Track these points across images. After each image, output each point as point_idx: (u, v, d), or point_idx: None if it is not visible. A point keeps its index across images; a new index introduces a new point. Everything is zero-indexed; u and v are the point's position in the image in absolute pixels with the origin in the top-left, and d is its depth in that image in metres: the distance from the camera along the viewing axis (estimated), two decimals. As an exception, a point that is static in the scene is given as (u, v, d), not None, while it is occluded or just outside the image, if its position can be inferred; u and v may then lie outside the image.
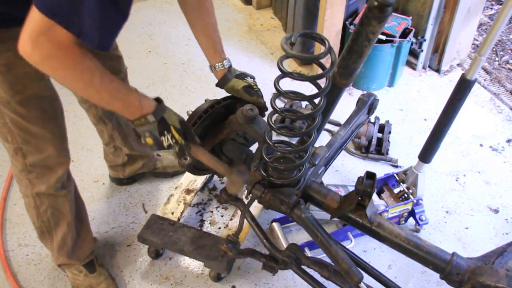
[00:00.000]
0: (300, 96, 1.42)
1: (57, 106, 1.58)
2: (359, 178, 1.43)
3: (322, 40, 1.31)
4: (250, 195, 1.60)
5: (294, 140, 1.69)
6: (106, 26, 1.11)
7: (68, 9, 1.01)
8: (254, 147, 1.78)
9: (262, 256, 1.79)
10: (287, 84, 1.43)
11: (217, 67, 1.69)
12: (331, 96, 1.51)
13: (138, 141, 2.20)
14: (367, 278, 1.68)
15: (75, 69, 1.15)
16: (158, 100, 1.42)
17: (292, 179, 1.55)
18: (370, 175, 1.41)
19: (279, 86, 1.38)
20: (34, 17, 1.03)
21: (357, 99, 2.10)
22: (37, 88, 1.45)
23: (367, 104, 1.98)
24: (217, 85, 1.74)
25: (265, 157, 1.54)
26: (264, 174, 1.56)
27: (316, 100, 1.46)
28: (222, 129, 1.73)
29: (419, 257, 1.49)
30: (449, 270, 1.45)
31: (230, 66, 1.71)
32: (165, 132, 1.40)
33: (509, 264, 1.43)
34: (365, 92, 2.16)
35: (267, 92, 2.43)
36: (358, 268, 1.56)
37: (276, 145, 1.52)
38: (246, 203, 1.69)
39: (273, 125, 1.47)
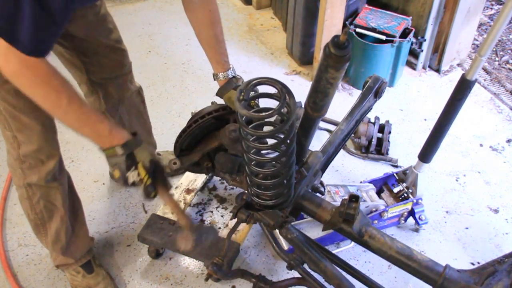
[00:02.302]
0: (268, 132, 1.34)
1: None
2: (343, 200, 1.43)
3: (276, 93, 1.25)
4: (236, 218, 1.61)
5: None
6: (39, 34, 1.13)
7: (6, 18, 1.07)
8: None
9: (253, 276, 1.82)
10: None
11: (220, 76, 1.72)
12: (306, 125, 1.51)
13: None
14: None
15: (41, 88, 1.18)
16: (134, 134, 1.41)
17: (276, 203, 1.53)
18: (353, 198, 1.41)
19: (246, 127, 1.30)
20: None
21: (363, 82, 1.97)
22: None
23: (373, 90, 1.88)
24: (216, 94, 1.76)
25: (247, 180, 1.50)
26: (250, 194, 1.56)
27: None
28: (213, 139, 1.75)
29: (411, 269, 1.49)
30: (441, 283, 1.44)
31: (234, 77, 1.72)
32: (132, 168, 1.39)
33: (498, 285, 1.41)
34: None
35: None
36: (349, 281, 1.59)
37: (257, 165, 1.45)
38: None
39: (246, 150, 1.40)
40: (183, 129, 1.73)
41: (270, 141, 1.37)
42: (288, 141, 1.33)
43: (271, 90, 1.35)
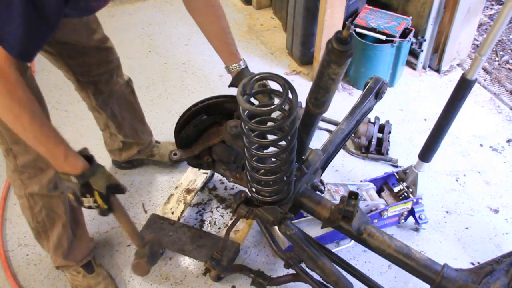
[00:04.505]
0: (269, 127, 1.34)
1: (42, 106, 1.54)
2: (342, 197, 1.44)
3: (276, 90, 1.26)
4: (236, 214, 1.62)
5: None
6: (29, 36, 1.09)
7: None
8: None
9: (251, 272, 1.83)
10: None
11: (234, 67, 1.71)
12: (308, 121, 1.51)
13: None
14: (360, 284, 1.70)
15: (6, 98, 1.14)
16: (91, 161, 1.39)
17: (276, 199, 1.54)
18: (353, 195, 1.41)
19: (248, 121, 1.30)
20: None
21: (365, 82, 1.99)
22: None
23: (373, 91, 1.89)
24: (230, 85, 1.75)
25: (247, 176, 1.50)
26: (250, 190, 1.57)
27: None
28: (215, 135, 1.77)
29: (409, 268, 1.49)
30: (438, 282, 1.43)
31: (246, 67, 1.73)
32: (88, 195, 1.38)
33: (496, 284, 1.41)
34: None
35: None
36: (347, 278, 1.59)
37: (257, 161, 1.44)
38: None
39: (247, 145, 1.40)
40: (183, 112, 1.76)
41: (271, 138, 1.37)
42: (289, 137, 1.34)
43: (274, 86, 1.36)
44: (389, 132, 2.59)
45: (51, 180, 1.68)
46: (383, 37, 2.80)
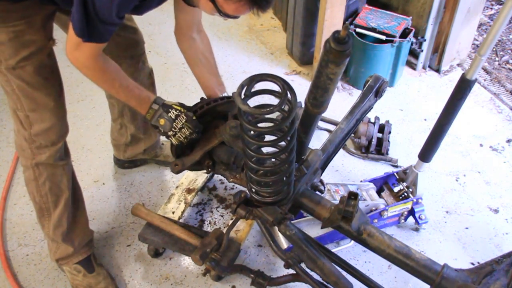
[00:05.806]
0: (268, 128, 1.33)
1: (57, 76, 1.69)
2: (342, 197, 1.44)
3: (277, 90, 1.26)
4: (235, 214, 1.63)
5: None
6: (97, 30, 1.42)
7: (94, 31, 1.39)
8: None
9: (251, 272, 1.83)
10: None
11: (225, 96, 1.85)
12: (307, 122, 1.51)
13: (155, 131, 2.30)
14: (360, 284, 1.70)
15: (101, 77, 1.56)
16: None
17: (276, 200, 1.54)
18: (352, 195, 1.41)
19: (247, 123, 1.29)
20: (72, 35, 1.40)
21: (364, 81, 1.98)
22: (41, 56, 1.58)
23: (373, 89, 1.89)
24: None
25: (247, 176, 1.51)
26: (250, 191, 1.57)
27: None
28: (213, 137, 1.78)
29: (409, 268, 1.49)
30: (438, 282, 1.43)
31: (231, 97, 1.81)
32: (169, 110, 1.68)
33: (496, 284, 1.41)
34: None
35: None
36: (347, 278, 1.59)
37: (257, 162, 1.44)
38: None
39: (246, 146, 1.39)
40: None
41: (271, 138, 1.37)
42: (289, 137, 1.34)
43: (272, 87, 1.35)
44: (389, 132, 2.59)
45: (59, 149, 1.74)
46: (383, 37, 2.80)
